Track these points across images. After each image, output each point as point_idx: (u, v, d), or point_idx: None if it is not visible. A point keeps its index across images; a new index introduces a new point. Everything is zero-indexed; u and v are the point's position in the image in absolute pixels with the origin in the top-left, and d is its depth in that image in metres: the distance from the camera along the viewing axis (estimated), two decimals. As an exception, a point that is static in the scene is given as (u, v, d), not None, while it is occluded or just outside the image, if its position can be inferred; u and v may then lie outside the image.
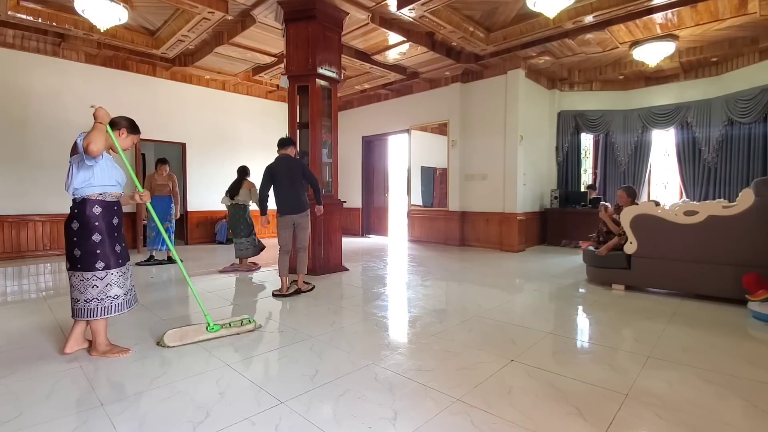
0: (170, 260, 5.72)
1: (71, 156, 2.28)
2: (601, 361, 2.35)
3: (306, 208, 3.98)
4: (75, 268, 2.25)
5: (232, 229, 5.36)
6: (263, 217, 4.02)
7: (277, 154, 4.02)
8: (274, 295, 3.89)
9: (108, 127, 2.33)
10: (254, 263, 5.44)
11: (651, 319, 3.15)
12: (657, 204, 6.49)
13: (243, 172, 5.39)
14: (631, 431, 1.65)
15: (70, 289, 2.29)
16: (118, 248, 2.33)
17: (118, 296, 2.32)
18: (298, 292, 3.94)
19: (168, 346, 2.50)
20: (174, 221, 5.73)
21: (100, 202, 2.26)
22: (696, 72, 7.06)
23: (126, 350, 2.41)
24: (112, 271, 2.29)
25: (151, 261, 5.59)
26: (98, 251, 2.24)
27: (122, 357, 2.35)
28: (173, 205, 5.69)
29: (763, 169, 6.20)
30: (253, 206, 5.26)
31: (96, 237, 2.23)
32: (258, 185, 5.04)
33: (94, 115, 2.20)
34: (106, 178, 2.30)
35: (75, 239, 2.22)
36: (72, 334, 2.40)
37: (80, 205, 2.24)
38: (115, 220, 2.35)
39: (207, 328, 2.71)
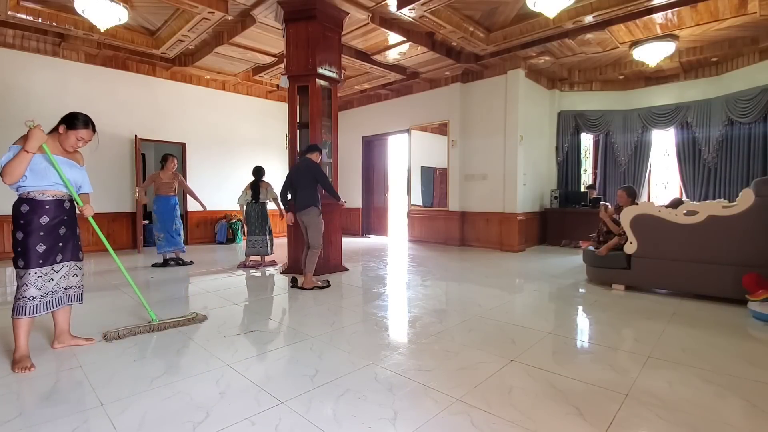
0: (178, 262, 5.52)
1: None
2: (601, 361, 2.35)
3: (308, 206, 4.11)
4: None
5: (248, 226, 5.50)
6: (288, 214, 4.35)
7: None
8: (291, 286, 4.19)
9: (45, 147, 2.22)
10: (273, 261, 5.69)
11: (651, 319, 3.15)
12: (678, 203, 6.56)
13: (259, 172, 5.57)
14: (631, 431, 1.65)
15: None
16: (41, 248, 2.22)
17: (33, 297, 2.21)
18: (302, 288, 4.11)
19: (111, 335, 2.65)
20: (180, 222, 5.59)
21: (28, 201, 2.21)
22: (696, 72, 7.06)
23: (31, 366, 2.18)
24: (30, 270, 2.20)
25: (168, 264, 5.38)
26: (18, 249, 2.20)
27: (25, 372, 2.13)
28: (177, 205, 5.51)
29: (763, 169, 6.20)
30: (271, 205, 5.70)
31: (18, 234, 2.19)
32: (273, 185, 5.67)
33: (27, 134, 2.13)
34: (39, 179, 2.22)
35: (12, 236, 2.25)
36: (55, 329, 2.49)
37: (14, 203, 2.23)
38: (44, 220, 2.23)
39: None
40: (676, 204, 6.94)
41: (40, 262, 2.23)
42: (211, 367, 2.24)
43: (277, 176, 9.18)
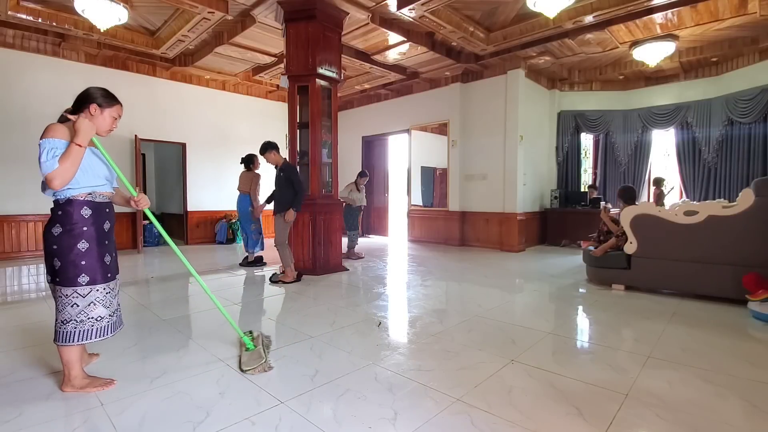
0: (256, 262, 5.58)
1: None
2: (601, 361, 2.35)
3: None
4: (54, 282, 1.88)
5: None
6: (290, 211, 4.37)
7: (284, 158, 4.51)
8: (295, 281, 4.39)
9: (96, 140, 1.92)
10: (359, 253, 6.26)
11: (651, 319, 3.15)
12: (661, 181, 6.78)
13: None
14: (631, 431, 1.65)
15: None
16: (107, 259, 1.93)
17: (101, 318, 1.90)
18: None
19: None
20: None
21: (89, 204, 1.87)
22: (696, 72, 7.07)
23: (110, 382, 2.01)
24: (98, 286, 1.88)
25: (253, 263, 5.54)
26: (83, 262, 1.84)
27: (107, 389, 1.96)
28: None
29: (763, 169, 6.20)
30: (359, 203, 6.33)
31: (82, 245, 1.84)
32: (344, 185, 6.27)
33: (75, 127, 1.80)
34: (92, 177, 1.88)
35: (55, 247, 1.82)
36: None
37: (65, 206, 1.83)
38: (107, 225, 1.95)
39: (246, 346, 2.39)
40: (657, 182, 7.11)
41: (109, 275, 1.93)
42: (211, 367, 2.24)
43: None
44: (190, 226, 7.93)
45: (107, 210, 1.97)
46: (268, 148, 4.41)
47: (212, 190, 8.15)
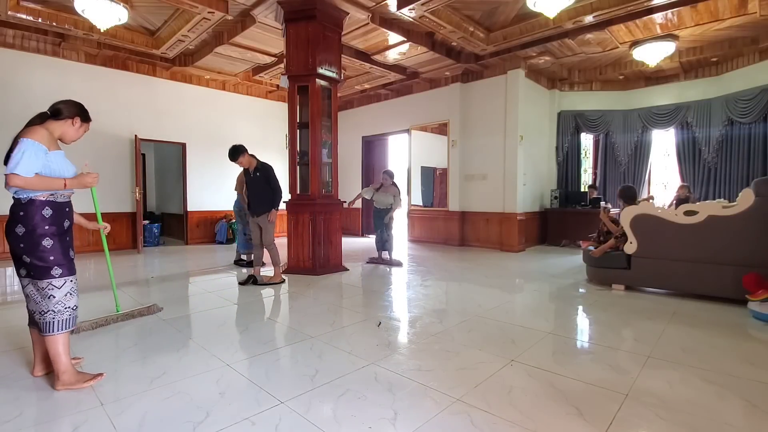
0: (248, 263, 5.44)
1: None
2: (601, 361, 2.35)
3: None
4: (29, 276, 1.95)
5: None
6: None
7: (255, 157, 4.42)
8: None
9: (94, 191, 2.33)
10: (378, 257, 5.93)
11: (651, 319, 3.15)
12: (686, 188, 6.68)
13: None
14: (631, 431, 1.65)
15: (25, 300, 2.01)
16: (72, 254, 2.04)
17: (76, 307, 2.04)
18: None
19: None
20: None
21: (51, 204, 1.95)
22: (696, 72, 7.07)
23: (98, 376, 2.08)
24: (71, 277, 2.00)
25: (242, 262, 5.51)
26: (51, 257, 1.93)
27: (98, 382, 2.03)
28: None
29: (763, 169, 6.20)
30: (379, 204, 5.85)
31: (47, 242, 1.92)
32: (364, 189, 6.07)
33: (83, 178, 2.03)
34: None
35: (22, 245, 1.90)
36: (37, 354, 2.13)
37: (27, 206, 1.90)
38: (66, 223, 2.04)
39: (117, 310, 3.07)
40: (682, 188, 7.07)
41: (74, 269, 2.05)
42: (211, 367, 2.24)
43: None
44: (190, 226, 7.93)
45: (67, 209, 2.07)
46: (238, 152, 4.19)
47: (212, 190, 8.14)
